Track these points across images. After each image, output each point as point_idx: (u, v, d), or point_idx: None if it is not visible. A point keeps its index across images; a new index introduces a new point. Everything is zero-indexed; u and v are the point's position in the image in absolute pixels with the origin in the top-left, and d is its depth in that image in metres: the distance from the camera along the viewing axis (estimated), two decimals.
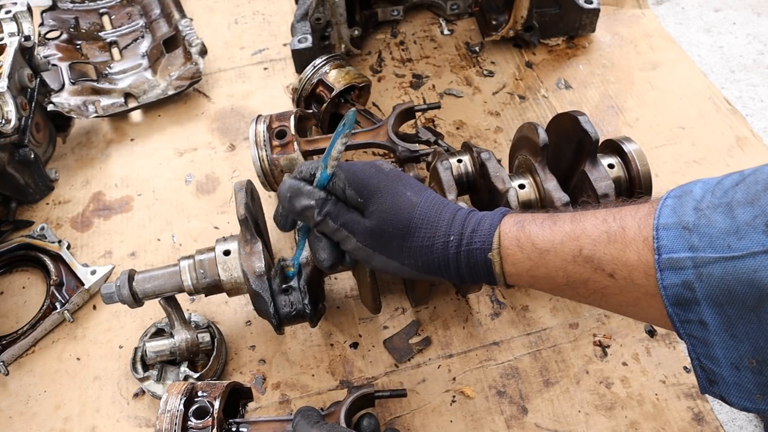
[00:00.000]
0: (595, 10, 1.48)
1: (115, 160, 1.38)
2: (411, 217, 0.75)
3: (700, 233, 0.57)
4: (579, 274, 0.68)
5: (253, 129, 1.15)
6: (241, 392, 0.89)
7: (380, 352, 1.07)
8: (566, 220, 0.70)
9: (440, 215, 0.76)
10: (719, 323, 0.57)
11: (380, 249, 0.77)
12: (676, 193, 0.62)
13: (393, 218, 0.75)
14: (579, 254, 0.67)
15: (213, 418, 0.80)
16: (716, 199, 0.58)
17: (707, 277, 0.57)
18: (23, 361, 1.10)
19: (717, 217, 0.57)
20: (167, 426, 0.79)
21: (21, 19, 1.29)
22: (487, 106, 1.42)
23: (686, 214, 0.59)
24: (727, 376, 0.59)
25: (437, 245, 0.75)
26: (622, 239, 0.64)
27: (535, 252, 0.70)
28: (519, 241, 0.72)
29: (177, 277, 0.97)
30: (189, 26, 1.51)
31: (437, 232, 0.75)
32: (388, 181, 0.78)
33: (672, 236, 0.59)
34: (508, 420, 0.99)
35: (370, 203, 0.77)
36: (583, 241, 0.67)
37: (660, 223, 0.61)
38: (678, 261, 0.59)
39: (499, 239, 0.73)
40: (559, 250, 0.69)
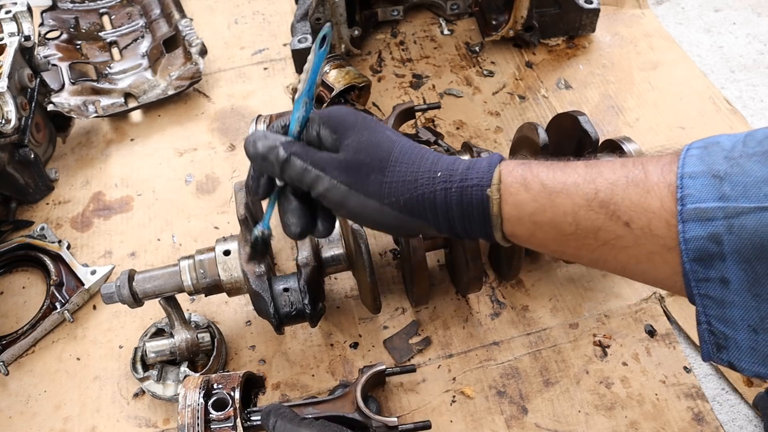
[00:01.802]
0: (595, 10, 1.48)
1: (115, 160, 1.38)
2: (391, 149, 0.67)
3: (734, 182, 0.53)
4: (591, 221, 0.60)
5: (253, 129, 1.15)
6: (253, 381, 0.90)
7: (380, 352, 1.07)
8: (579, 164, 0.63)
9: (423, 154, 0.68)
10: (743, 281, 0.53)
11: (356, 186, 0.67)
12: (700, 144, 0.57)
13: (370, 149, 0.67)
14: (594, 197, 0.60)
15: (234, 408, 0.81)
16: (749, 149, 0.54)
17: (739, 228, 0.52)
18: (23, 361, 1.10)
19: (753, 165, 0.52)
20: (190, 420, 0.80)
21: (21, 19, 1.29)
22: (487, 106, 1.42)
23: (716, 162, 0.54)
24: (741, 339, 0.55)
25: (420, 180, 0.66)
26: (644, 184, 0.57)
27: (543, 192, 0.62)
28: (525, 179, 0.63)
29: (177, 277, 0.97)
30: (189, 26, 1.51)
31: (420, 167, 0.67)
32: (365, 119, 0.70)
33: (700, 185, 0.54)
34: (508, 420, 0.99)
35: (345, 137, 0.68)
36: (600, 184, 0.60)
37: (685, 172, 0.55)
38: (706, 211, 0.53)
39: (500, 176, 0.64)
40: (571, 192, 0.61)
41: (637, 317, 1.09)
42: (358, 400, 0.87)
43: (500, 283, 1.14)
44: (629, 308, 1.10)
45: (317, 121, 0.70)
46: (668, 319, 1.09)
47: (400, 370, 0.97)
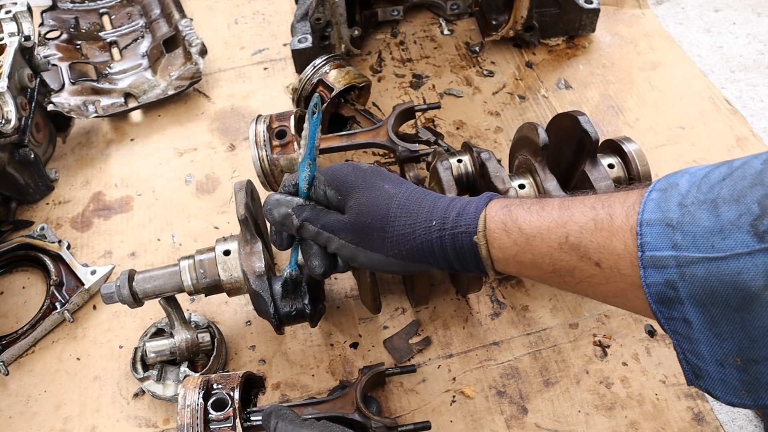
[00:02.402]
0: (595, 10, 1.48)
1: (115, 160, 1.38)
2: (389, 207, 0.75)
3: (684, 231, 0.56)
4: (565, 262, 0.66)
5: (253, 129, 1.15)
6: (253, 381, 0.90)
7: (380, 352, 1.07)
8: (554, 206, 0.68)
9: (420, 204, 0.75)
10: (703, 322, 0.56)
11: (362, 243, 0.76)
12: (661, 185, 0.61)
13: (371, 210, 0.75)
14: (565, 241, 0.65)
15: (234, 408, 0.81)
16: (702, 194, 0.56)
17: (690, 277, 0.55)
18: (23, 361, 1.10)
19: (701, 214, 0.55)
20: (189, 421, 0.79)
21: (21, 19, 1.29)
22: (487, 106, 1.42)
23: (670, 210, 0.57)
24: (712, 372, 0.58)
25: (418, 231, 0.74)
26: (609, 227, 0.62)
27: (522, 237, 0.69)
28: (505, 225, 0.70)
29: (177, 277, 0.97)
30: (189, 26, 1.51)
31: (417, 219, 0.74)
32: (365, 176, 0.78)
33: (655, 233, 0.58)
34: (508, 420, 0.99)
35: (348, 199, 0.77)
36: (570, 228, 0.65)
37: (644, 219, 0.59)
38: (661, 259, 0.57)
39: (485, 222, 0.71)
40: (545, 236, 0.67)
41: (636, 317, 1.09)
42: (358, 400, 0.87)
43: (500, 283, 1.14)
44: None
45: (323, 181, 0.80)
46: None
47: (400, 370, 0.97)
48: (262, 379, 0.91)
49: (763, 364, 0.54)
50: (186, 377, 0.95)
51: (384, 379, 0.99)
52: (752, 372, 0.55)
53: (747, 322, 0.53)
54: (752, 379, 0.55)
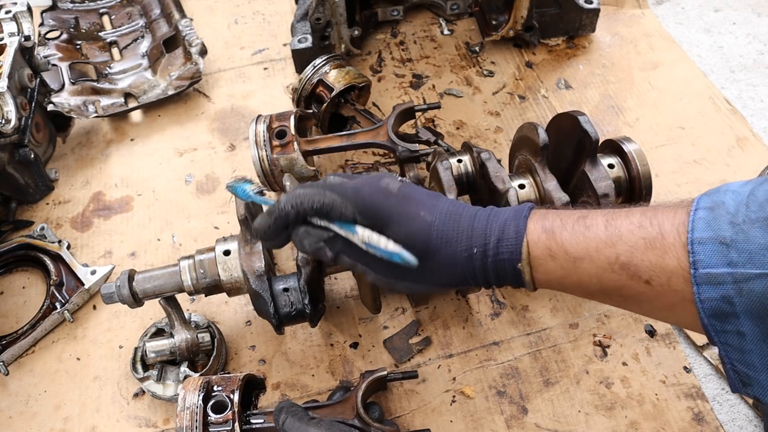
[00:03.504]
0: (595, 10, 1.48)
1: (115, 160, 1.38)
2: (428, 240, 0.71)
3: (739, 249, 0.57)
4: (614, 282, 0.66)
5: (253, 129, 1.15)
6: (254, 383, 0.90)
7: (380, 352, 1.07)
8: (599, 224, 0.67)
9: (458, 227, 0.72)
10: (758, 334, 0.58)
11: (401, 278, 0.73)
12: (706, 203, 0.61)
13: (409, 243, 0.71)
14: (615, 261, 0.65)
15: (233, 411, 0.80)
16: (752, 213, 0.57)
17: (748, 292, 0.57)
18: (23, 361, 1.10)
19: (755, 232, 0.57)
20: (188, 423, 0.79)
21: (21, 19, 1.29)
22: (487, 106, 1.42)
23: (722, 228, 0.58)
24: (762, 380, 0.59)
25: (459, 259, 0.71)
26: (661, 245, 0.62)
27: (569, 261, 0.68)
28: (550, 250, 0.69)
29: (177, 277, 0.97)
30: (189, 26, 1.51)
31: (458, 248, 0.71)
32: (399, 205, 0.73)
33: (709, 251, 0.59)
34: (508, 420, 0.99)
35: (384, 230, 0.72)
36: (620, 248, 0.64)
37: (695, 237, 0.59)
38: (717, 276, 0.58)
39: (528, 248, 0.70)
40: (594, 258, 0.66)
41: (637, 317, 1.09)
42: (359, 406, 0.87)
43: None
44: None
45: (351, 210, 0.72)
46: None
47: (402, 375, 0.97)
48: (263, 381, 0.91)
49: None
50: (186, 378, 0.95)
51: (385, 384, 0.98)
52: None
53: None
54: None
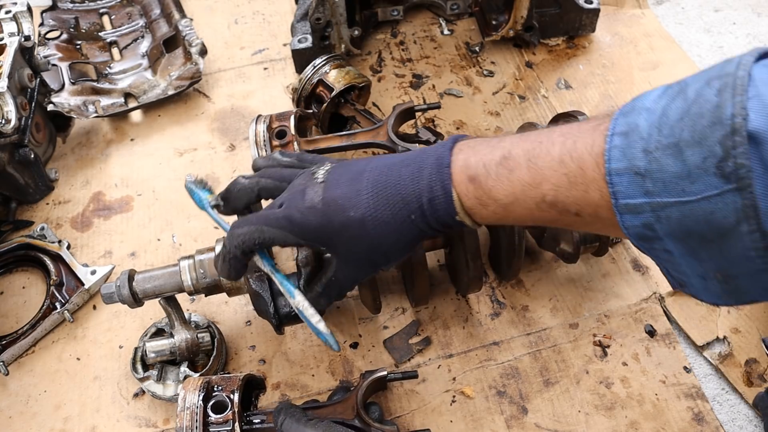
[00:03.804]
0: (595, 10, 1.48)
1: (115, 160, 1.38)
2: (369, 236, 0.75)
3: (654, 178, 0.58)
4: (546, 217, 0.69)
5: (253, 129, 1.15)
6: (254, 383, 0.90)
7: (380, 352, 1.07)
8: (522, 165, 0.68)
9: (391, 205, 0.74)
10: (682, 251, 0.59)
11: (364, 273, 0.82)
12: (621, 127, 0.61)
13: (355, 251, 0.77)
14: (543, 201, 0.67)
15: (233, 411, 0.81)
16: (664, 138, 0.57)
17: (666, 219, 0.58)
18: (23, 361, 1.10)
19: (667, 160, 0.57)
20: (188, 423, 0.79)
21: (21, 19, 1.29)
22: (487, 106, 1.42)
23: (636, 157, 0.59)
24: (695, 283, 0.62)
25: (403, 230, 0.75)
26: (583, 180, 0.63)
27: (500, 206, 0.70)
28: (480, 200, 0.71)
29: (177, 277, 0.97)
30: (189, 26, 1.51)
31: (398, 222, 0.74)
32: (328, 220, 0.76)
33: (626, 182, 0.60)
34: (508, 420, 0.99)
35: (329, 249, 0.78)
36: (545, 188, 0.66)
37: (612, 168, 0.60)
38: (636, 206, 0.60)
39: (460, 202, 0.72)
40: (522, 201, 0.68)
41: (637, 317, 1.09)
42: (359, 406, 0.87)
43: (500, 283, 1.14)
44: (629, 308, 1.10)
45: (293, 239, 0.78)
46: (668, 319, 1.09)
47: (402, 375, 0.97)
48: (263, 381, 0.91)
49: (741, 278, 0.58)
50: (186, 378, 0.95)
51: (385, 384, 0.98)
52: (732, 284, 0.59)
53: (724, 249, 0.56)
54: (732, 289, 0.60)
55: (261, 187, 0.85)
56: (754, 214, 0.53)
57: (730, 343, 1.05)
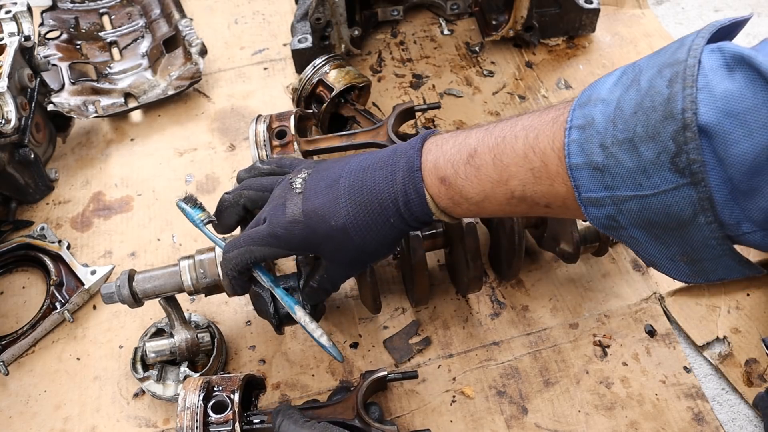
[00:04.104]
0: (595, 10, 1.48)
1: (115, 160, 1.38)
2: (352, 242, 0.77)
3: (612, 173, 0.59)
4: (518, 210, 0.71)
5: (253, 129, 1.15)
6: (254, 383, 0.90)
7: (380, 352, 1.07)
8: (488, 162, 0.69)
9: (369, 211, 0.76)
10: (647, 237, 0.62)
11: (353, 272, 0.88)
12: (578, 120, 0.62)
13: (341, 257, 0.80)
14: (512, 196, 0.69)
15: (233, 411, 0.81)
16: (619, 132, 0.58)
17: (627, 211, 0.60)
18: (23, 361, 1.10)
19: (623, 155, 0.58)
20: (188, 423, 0.79)
21: (21, 19, 1.29)
22: (487, 106, 1.42)
23: (594, 152, 0.60)
24: (665, 263, 0.64)
25: (384, 232, 0.77)
26: (548, 175, 0.65)
27: (472, 204, 0.72)
28: (453, 199, 0.73)
29: (177, 277, 0.97)
30: (189, 26, 1.51)
31: (378, 224, 0.76)
32: (312, 232, 0.78)
33: (586, 177, 0.61)
34: (508, 420, 0.99)
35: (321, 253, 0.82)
36: (512, 184, 0.68)
37: (572, 163, 0.62)
38: (597, 200, 0.61)
39: (434, 204, 0.74)
40: (492, 197, 0.70)
41: (637, 317, 1.09)
42: (359, 406, 0.87)
43: (500, 283, 1.14)
44: (629, 308, 1.10)
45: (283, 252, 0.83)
46: (668, 319, 1.09)
47: (402, 376, 0.97)
48: (263, 381, 0.91)
49: (705, 262, 0.60)
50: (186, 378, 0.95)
51: (385, 384, 0.99)
52: (698, 266, 0.61)
53: (686, 237, 0.58)
54: (699, 270, 0.62)
55: (245, 200, 0.87)
56: (710, 206, 0.55)
57: (730, 343, 1.05)
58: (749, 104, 0.52)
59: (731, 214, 0.55)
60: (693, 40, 0.56)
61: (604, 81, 0.63)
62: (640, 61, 0.61)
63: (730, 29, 0.60)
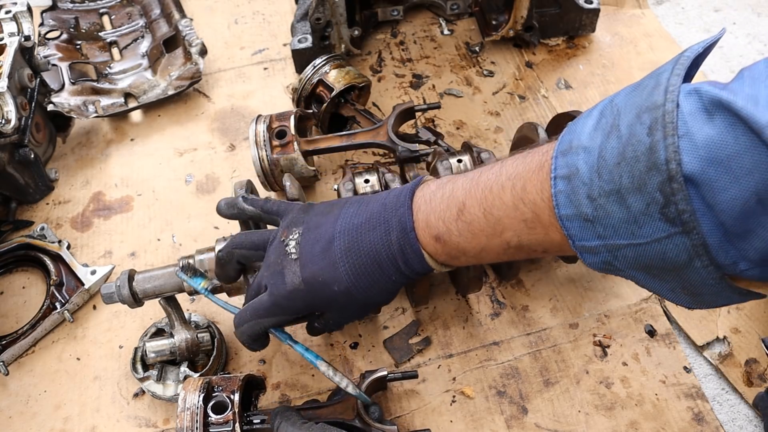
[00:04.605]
0: (595, 10, 1.48)
1: (115, 160, 1.38)
2: (355, 301, 0.79)
3: (603, 224, 0.59)
4: (518, 256, 0.72)
5: (253, 129, 1.15)
6: (254, 384, 0.90)
7: (380, 352, 1.07)
8: (479, 217, 0.70)
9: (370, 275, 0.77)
10: (647, 277, 0.62)
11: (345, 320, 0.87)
12: (562, 170, 0.62)
13: (347, 314, 0.84)
14: (509, 246, 0.70)
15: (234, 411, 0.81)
16: (605, 183, 0.58)
17: (623, 257, 0.60)
18: (23, 361, 1.10)
19: (612, 207, 0.58)
20: (188, 424, 0.79)
21: (21, 19, 1.29)
22: (487, 106, 1.42)
23: (582, 204, 0.60)
24: (666, 294, 0.64)
25: (389, 288, 0.80)
26: (541, 225, 0.66)
27: (471, 256, 0.74)
28: (450, 255, 0.75)
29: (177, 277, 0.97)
30: (189, 26, 1.51)
31: (381, 286, 0.78)
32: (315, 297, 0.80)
33: (577, 227, 0.62)
34: (508, 420, 0.99)
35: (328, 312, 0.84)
36: (507, 236, 0.69)
37: (562, 215, 0.62)
38: (592, 248, 0.62)
39: (433, 261, 0.77)
40: (489, 248, 0.71)
41: (637, 317, 1.09)
42: (359, 406, 0.87)
43: (500, 283, 1.14)
44: (629, 308, 1.10)
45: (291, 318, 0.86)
46: (668, 319, 1.09)
47: (402, 375, 0.97)
48: (263, 381, 0.91)
49: (706, 296, 0.60)
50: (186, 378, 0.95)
51: (385, 384, 0.98)
52: (699, 298, 0.62)
53: (684, 277, 0.59)
54: (701, 301, 0.62)
55: (238, 257, 0.89)
56: (704, 252, 0.54)
57: (730, 343, 1.05)
58: (731, 151, 0.51)
59: (726, 255, 0.55)
60: (668, 80, 0.56)
61: (583, 124, 0.63)
62: (617, 99, 0.61)
63: (704, 54, 0.61)
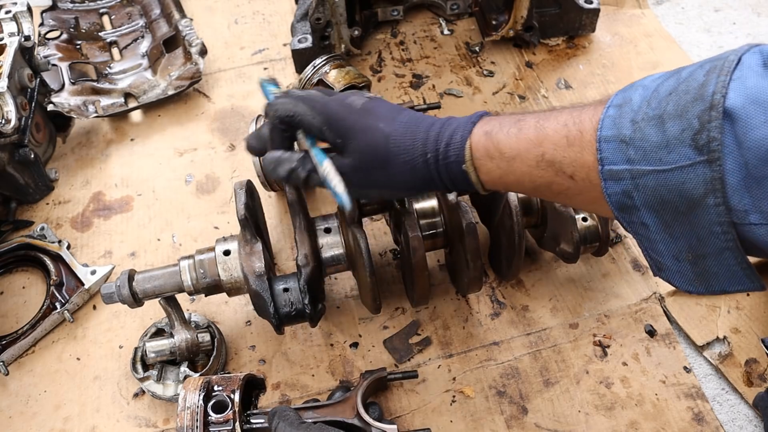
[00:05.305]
0: (595, 10, 1.48)
1: (115, 160, 1.38)
2: (387, 148, 0.78)
3: (636, 146, 0.61)
4: (544, 178, 0.71)
5: (253, 129, 1.14)
6: (254, 383, 0.90)
7: (380, 352, 1.07)
8: (530, 125, 0.72)
9: (414, 137, 0.78)
10: (658, 225, 0.63)
11: (368, 184, 0.81)
12: (618, 100, 0.65)
13: (369, 153, 0.79)
14: (542, 159, 0.70)
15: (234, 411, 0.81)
16: (651, 110, 0.61)
17: (643, 187, 0.61)
18: (23, 361, 1.10)
19: (650, 130, 0.60)
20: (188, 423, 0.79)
21: (21, 19, 1.29)
22: (487, 106, 1.42)
23: (624, 126, 0.62)
24: (670, 265, 0.65)
25: (417, 166, 0.78)
26: (579, 142, 0.67)
27: (504, 160, 0.73)
28: (488, 151, 0.74)
29: (177, 277, 0.97)
30: (189, 26, 1.51)
31: (414, 154, 0.77)
32: (360, 119, 0.80)
33: (611, 148, 0.63)
34: (508, 420, 0.99)
35: (348, 143, 0.80)
36: (546, 146, 0.70)
37: (602, 136, 0.64)
38: (617, 172, 0.63)
39: (471, 151, 0.75)
40: (524, 157, 0.72)
41: (637, 317, 1.09)
42: (359, 406, 0.87)
43: (500, 283, 1.14)
44: (629, 308, 1.10)
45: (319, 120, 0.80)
46: (668, 319, 1.09)
47: (402, 375, 0.97)
48: (263, 381, 0.91)
49: (709, 259, 0.61)
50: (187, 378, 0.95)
51: (385, 384, 0.99)
52: (701, 265, 0.63)
53: (693, 224, 0.60)
54: (702, 271, 0.63)
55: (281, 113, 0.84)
56: (720, 187, 0.57)
57: (730, 343, 1.05)
58: None
59: (741, 200, 0.57)
60: (741, 47, 0.61)
61: (650, 75, 0.67)
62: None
63: None
